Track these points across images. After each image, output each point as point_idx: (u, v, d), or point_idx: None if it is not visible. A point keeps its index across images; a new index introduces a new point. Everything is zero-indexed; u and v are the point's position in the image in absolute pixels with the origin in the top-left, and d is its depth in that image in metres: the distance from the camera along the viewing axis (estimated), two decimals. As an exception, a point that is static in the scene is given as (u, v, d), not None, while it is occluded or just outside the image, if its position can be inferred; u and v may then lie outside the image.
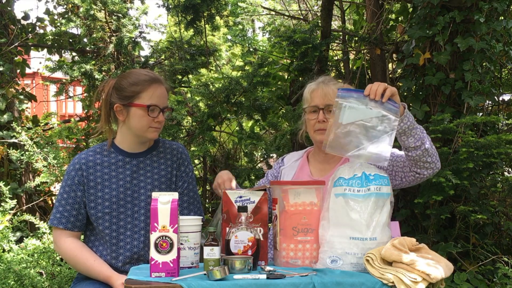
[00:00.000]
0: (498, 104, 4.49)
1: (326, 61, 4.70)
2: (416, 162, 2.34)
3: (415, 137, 2.27)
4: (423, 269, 1.88)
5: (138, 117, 2.41)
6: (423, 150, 2.29)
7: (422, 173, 2.37)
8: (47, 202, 4.97)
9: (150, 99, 2.40)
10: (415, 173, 2.38)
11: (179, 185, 2.54)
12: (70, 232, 2.44)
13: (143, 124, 2.41)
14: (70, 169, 2.47)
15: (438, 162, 2.37)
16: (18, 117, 4.99)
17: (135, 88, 2.40)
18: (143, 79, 2.42)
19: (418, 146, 2.28)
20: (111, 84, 2.48)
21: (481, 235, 4.04)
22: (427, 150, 2.29)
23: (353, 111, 2.15)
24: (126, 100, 2.41)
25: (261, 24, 11.39)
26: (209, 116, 4.58)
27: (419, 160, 2.32)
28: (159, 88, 2.43)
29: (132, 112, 2.41)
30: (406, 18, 4.70)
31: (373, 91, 2.16)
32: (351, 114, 2.15)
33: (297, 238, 2.15)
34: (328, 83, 2.58)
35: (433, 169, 2.37)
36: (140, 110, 2.40)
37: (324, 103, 2.53)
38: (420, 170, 2.36)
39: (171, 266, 1.99)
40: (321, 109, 2.54)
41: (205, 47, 5.15)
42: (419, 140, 2.27)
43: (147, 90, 2.40)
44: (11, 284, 3.54)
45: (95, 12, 4.77)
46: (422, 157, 2.31)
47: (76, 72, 4.71)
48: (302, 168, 2.64)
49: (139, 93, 2.40)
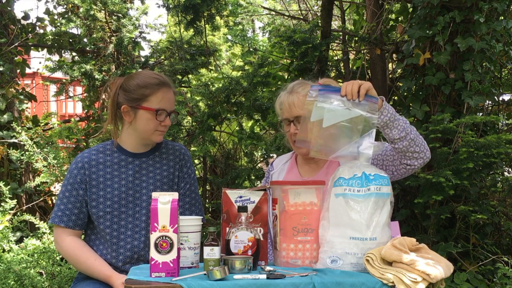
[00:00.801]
0: (498, 104, 4.49)
1: (326, 61, 4.70)
2: (405, 154, 2.31)
3: (398, 129, 2.24)
4: (423, 269, 1.88)
5: (145, 120, 2.41)
6: (409, 140, 2.26)
7: (412, 164, 2.33)
8: (47, 202, 4.98)
9: (159, 103, 2.40)
10: (405, 165, 2.35)
11: (181, 186, 2.54)
12: (71, 230, 2.44)
13: (150, 127, 2.41)
14: (73, 167, 2.47)
15: (428, 151, 2.33)
16: (18, 117, 4.99)
17: (144, 91, 2.40)
18: (153, 83, 2.41)
19: (403, 137, 2.25)
20: (119, 84, 2.47)
21: (481, 235, 4.04)
22: (413, 140, 2.27)
23: (332, 114, 2.14)
24: (135, 102, 2.41)
25: (261, 24, 11.39)
26: (209, 116, 4.58)
27: (407, 151, 2.29)
28: (168, 92, 2.43)
29: (139, 115, 2.41)
30: (406, 18, 4.70)
31: (349, 91, 2.15)
32: (330, 116, 2.14)
33: (297, 238, 2.15)
34: (295, 92, 2.50)
35: (423, 159, 2.33)
36: (148, 113, 2.40)
37: (292, 115, 2.47)
38: (410, 161, 2.33)
39: (171, 266, 1.99)
40: (291, 121, 2.49)
41: (205, 47, 5.16)
42: (403, 131, 2.25)
43: (156, 94, 2.40)
44: (11, 284, 3.55)
45: (95, 12, 4.78)
46: (410, 147, 2.28)
47: (76, 72, 4.71)
48: (291, 170, 2.63)
49: (148, 96, 2.39)
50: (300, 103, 2.45)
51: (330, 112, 2.14)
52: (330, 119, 2.14)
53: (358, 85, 2.16)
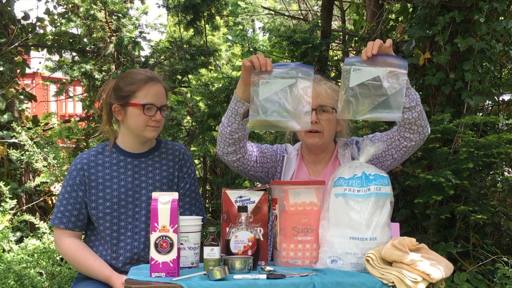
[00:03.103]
0: (498, 104, 4.49)
1: (326, 61, 4.70)
2: (411, 126, 2.28)
3: (409, 97, 2.23)
4: (423, 269, 1.88)
5: (135, 116, 2.41)
6: (418, 112, 2.25)
7: (414, 139, 2.31)
8: (47, 202, 4.98)
9: (145, 98, 2.40)
10: (405, 142, 2.33)
11: (181, 186, 2.54)
12: (71, 232, 2.44)
13: (140, 123, 2.41)
14: (72, 169, 2.47)
15: (428, 127, 2.33)
16: (18, 117, 4.99)
17: (130, 87, 2.41)
18: (139, 78, 2.42)
19: (413, 106, 2.23)
20: (111, 85, 2.49)
21: (481, 235, 4.04)
22: (421, 112, 2.26)
23: (359, 73, 2.14)
24: (123, 100, 2.42)
25: (261, 24, 11.39)
26: (209, 116, 4.58)
27: (414, 124, 2.27)
28: (154, 86, 2.43)
29: (129, 112, 2.42)
30: (406, 18, 4.70)
31: (369, 49, 2.14)
32: (357, 76, 2.14)
33: (297, 238, 2.15)
34: (319, 82, 2.49)
35: (424, 134, 2.32)
36: (136, 109, 2.40)
37: (317, 103, 2.43)
38: (413, 135, 2.30)
39: (171, 266, 1.99)
40: (313, 109, 2.42)
41: (205, 47, 5.16)
42: (414, 101, 2.23)
43: (142, 89, 2.40)
44: (11, 284, 3.55)
45: (95, 12, 4.78)
46: (417, 119, 2.26)
47: (76, 72, 4.71)
48: (300, 168, 2.61)
49: (135, 92, 2.40)
50: (327, 94, 2.45)
51: (357, 71, 2.15)
52: (356, 79, 2.14)
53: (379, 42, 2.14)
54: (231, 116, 2.31)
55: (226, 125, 2.34)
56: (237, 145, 2.37)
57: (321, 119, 2.43)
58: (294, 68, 2.21)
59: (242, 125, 2.33)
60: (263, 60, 2.19)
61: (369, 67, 2.15)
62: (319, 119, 2.43)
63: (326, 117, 2.44)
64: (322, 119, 2.43)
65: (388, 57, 2.16)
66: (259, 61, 2.18)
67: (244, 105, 2.28)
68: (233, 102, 2.31)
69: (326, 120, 2.44)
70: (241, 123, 2.32)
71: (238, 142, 2.37)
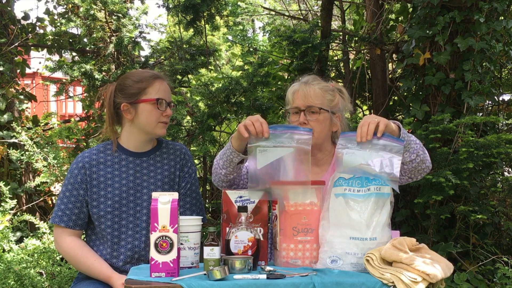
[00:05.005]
0: (498, 104, 4.49)
1: (326, 61, 4.70)
2: (412, 172, 2.32)
3: (410, 151, 2.24)
4: (423, 269, 1.88)
5: (147, 112, 2.42)
6: (418, 161, 2.27)
7: (416, 178, 2.36)
8: (47, 202, 4.98)
9: (157, 93, 2.43)
10: (409, 179, 2.36)
11: (182, 186, 2.54)
12: (71, 230, 2.44)
13: (153, 119, 2.43)
14: (73, 167, 2.47)
15: (430, 164, 2.34)
16: (18, 117, 4.99)
17: (140, 84, 2.43)
18: (147, 76, 2.46)
19: (413, 159, 2.25)
20: (112, 88, 2.50)
21: (481, 235, 4.04)
22: (422, 160, 2.27)
23: (353, 156, 2.14)
24: (133, 97, 2.43)
25: (261, 24, 11.39)
26: (209, 116, 4.58)
27: (414, 170, 2.30)
28: (163, 83, 2.48)
29: (140, 109, 2.43)
30: (406, 18, 4.70)
31: (364, 133, 2.12)
32: (349, 158, 2.14)
33: (297, 238, 2.16)
34: (310, 84, 2.49)
35: (426, 172, 2.35)
36: (148, 104, 2.42)
37: (305, 104, 2.45)
38: (415, 176, 2.34)
39: (171, 266, 1.99)
40: (302, 110, 2.45)
41: (205, 47, 5.16)
42: (414, 153, 2.24)
43: (153, 85, 2.44)
44: (11, 284, 3.55)
45: (95, 12, 4.78)
46: (418, 166, 2.29)
47: (76, 72, 4.71)
48: None
49: (145, 89, 2.43)
50: (315, 94, 2.46)
51: (350, 155, 2.14)
52: (349, 161, 2.14)
53: (374, 124, 2.12)
54: (226, 161, 2.35)
55: (221, 167, 2.37)
56: (231, 181, 2.42)
57: (310, 120, 2.44)
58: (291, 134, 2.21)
59: (237, 169, 2.37)
60: (259, 128, 2.20)
61: (362, 151, 2.13)
62: (308, 120, 2.44)
63: (314, 117, 2.45)
64: (311, 120, 2.44)
65: (384, 139, 2.12)
66: (255, 129, 2.19)
67: (239, 155, 2.31)
68: (229, 150, 2.33)
69: (315, 120, 2.44)
70: (236, 167, 2.36)
71: (233, 179, 2.42)
